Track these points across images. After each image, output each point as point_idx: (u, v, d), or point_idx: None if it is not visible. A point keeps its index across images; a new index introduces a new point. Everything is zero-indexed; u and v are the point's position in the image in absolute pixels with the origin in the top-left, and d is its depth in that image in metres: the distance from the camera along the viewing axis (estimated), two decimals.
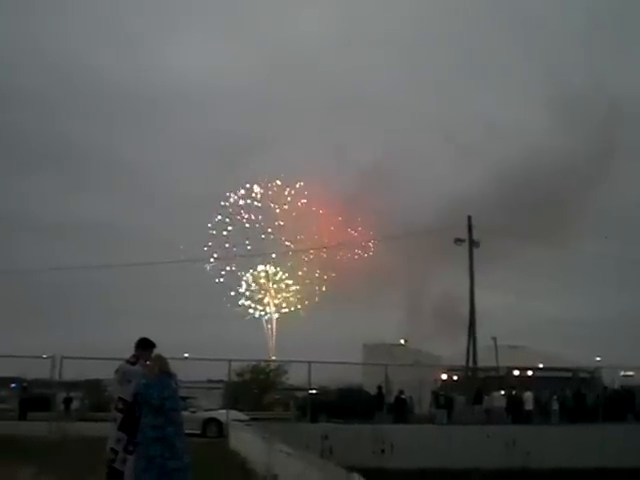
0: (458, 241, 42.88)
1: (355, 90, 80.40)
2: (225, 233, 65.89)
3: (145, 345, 9.68)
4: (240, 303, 67.34)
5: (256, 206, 66.13)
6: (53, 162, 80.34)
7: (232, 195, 66.06)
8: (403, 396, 34.81)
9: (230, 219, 65.90)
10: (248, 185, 66.17)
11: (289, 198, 66.32)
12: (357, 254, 66.92)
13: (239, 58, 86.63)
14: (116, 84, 79.45)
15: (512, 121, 75.62)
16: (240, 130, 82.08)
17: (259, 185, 66.27)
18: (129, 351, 9.71)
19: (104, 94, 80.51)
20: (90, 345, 39.02)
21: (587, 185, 66.70)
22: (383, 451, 20.09)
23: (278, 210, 66.00)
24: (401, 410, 33.28)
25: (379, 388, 32.68)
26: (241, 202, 66.00)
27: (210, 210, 66.07)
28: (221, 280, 66.48)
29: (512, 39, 77.82)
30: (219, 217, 65.95)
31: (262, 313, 68.11)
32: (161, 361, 9.37)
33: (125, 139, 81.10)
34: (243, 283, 67.32)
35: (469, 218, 43.23)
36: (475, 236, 43.11)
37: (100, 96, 79.96)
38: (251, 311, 67.75)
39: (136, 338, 9.76)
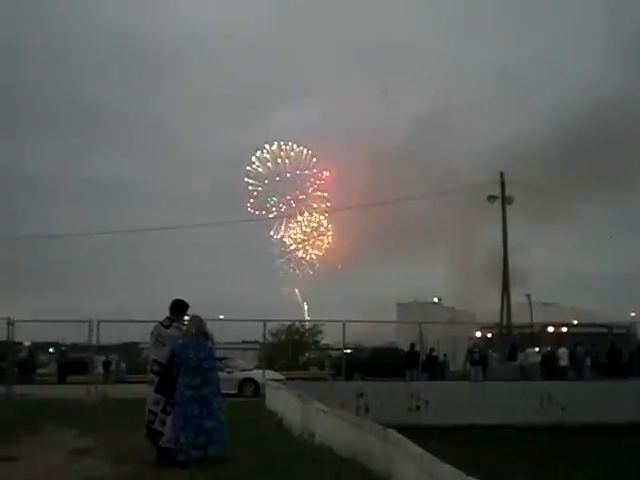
0: (491, 198, 42.43)
1: (402, 34, 74.99)
2: (258, 190, 62.64)
3: (179, 307, 9.76)
4: (278, 257, 64.03)
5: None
6: (81, 123, 79.50)
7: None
8: (434, 353, 34.87)
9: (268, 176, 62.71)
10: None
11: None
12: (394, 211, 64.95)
13: (262, 7, 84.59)
14: (136, 40, 79.93)
15: (573, 65, 71.90)
16: (270, 80, 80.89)
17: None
18: (164, 313, 9.81)
19: (125, 50, 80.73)
20: (126, 308, 39.54)
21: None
22: (418, 408, 20.00)
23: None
24: (432, 367, 33.35)
25: (412, 346, 32.67)
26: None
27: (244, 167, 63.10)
28: (259, 238, 64.62)
29: None
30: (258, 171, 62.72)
31: (298, 271, 66.24)
32: (198, 322, 9.46)
33: (151, 97, 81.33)
34: (282, 237, 64.14)
35: (502, 174, 42.77)
36: (515, 192, 42.61)
37: (121, 53, 79.97)
38: (289, 267, 64.55)
39: (171, 300, 9.85)
